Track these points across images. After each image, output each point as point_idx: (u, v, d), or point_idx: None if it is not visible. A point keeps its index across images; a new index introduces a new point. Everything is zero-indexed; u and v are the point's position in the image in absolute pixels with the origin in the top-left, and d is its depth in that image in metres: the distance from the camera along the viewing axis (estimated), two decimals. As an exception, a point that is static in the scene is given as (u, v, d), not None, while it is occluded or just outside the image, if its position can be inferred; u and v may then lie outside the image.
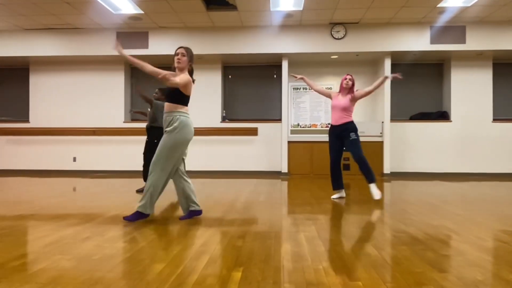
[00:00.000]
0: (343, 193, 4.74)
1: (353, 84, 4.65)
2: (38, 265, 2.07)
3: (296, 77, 4.89)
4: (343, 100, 4.61)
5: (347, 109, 4.59)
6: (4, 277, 1.89)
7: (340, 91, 4.72)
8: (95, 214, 3.58)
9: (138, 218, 3.26)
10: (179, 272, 1.97)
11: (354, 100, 4.62)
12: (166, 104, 3.30)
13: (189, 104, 3.39)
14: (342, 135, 4.61)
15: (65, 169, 8.48)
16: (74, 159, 8.50)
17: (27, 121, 8.65)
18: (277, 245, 2.52)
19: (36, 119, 8.61)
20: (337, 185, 4.73)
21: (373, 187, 4.52)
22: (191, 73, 3.40)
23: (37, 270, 2.00)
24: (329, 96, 4.83)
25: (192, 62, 3.39)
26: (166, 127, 3.27)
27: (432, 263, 2.15)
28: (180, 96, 3.28)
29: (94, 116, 8.49)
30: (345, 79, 4.64)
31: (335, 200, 4.60)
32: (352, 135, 4.57)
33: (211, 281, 1.84)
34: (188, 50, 3.35)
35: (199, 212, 3.45)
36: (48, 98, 8.61)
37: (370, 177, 4.53)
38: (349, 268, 2.05)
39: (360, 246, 2.51)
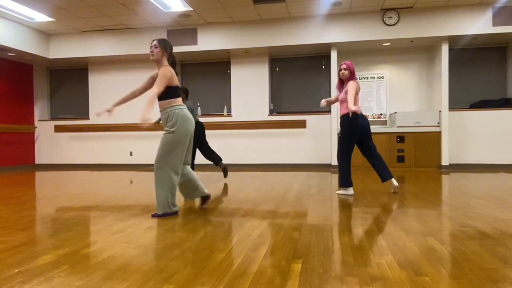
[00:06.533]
0: (350, 191, 4.32)
1: (351, 73, 4.29)
2: (107, 253, 2.20)
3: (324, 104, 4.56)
4: (342, 92, 4.37)
5: (343, 101, 4.30)
6: (78, 263, 2.03)
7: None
8: (154, 205, 3.73)
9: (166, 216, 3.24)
10: (240, 262, 1.99)
11: (346, 93, 4.24)
12: (159, 103, 3.24)
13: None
14: None
15: (123, 163, 8.93)
16: (131, 154, 8.92)
17: (87, 118, 9.20)
18: (335, 238, 2.48)
19: (96, 116, 9.13)
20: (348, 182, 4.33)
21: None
22: (173, 64, 3.34)
23: (107, 257, 2.12)
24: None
25: (167, 52, 3.28)
26: (166, 125, 3.21)
27: (505, 259, 2.00)
28: (168, 90, 3.20)
29: (148, 112, 8.82)
30: (340, 70, 4.34)
31: (341, 195, 4.30)
32: (339, 132, 4.32)
33: (272, 272, 1.84)
34: (161, 41, 3.27)
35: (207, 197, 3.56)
36: (106, 96, 9.09)
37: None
38: (414, 262, 1.97)
39: (422, 240, 2.39)
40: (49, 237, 2.57)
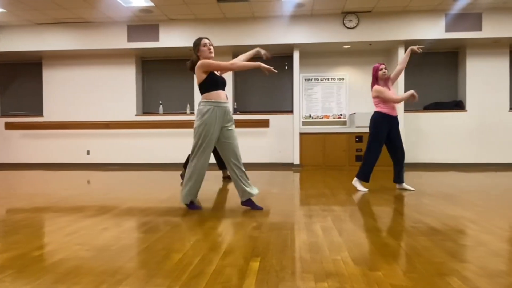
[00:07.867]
0: (403, 186, 4.63)
1: (372, 76, 4.66)
2: (58, 256, 2.09)
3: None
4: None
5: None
6: (25, 266, 1.92)
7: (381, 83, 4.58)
8: (111, 206, 3.61)
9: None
10: (197, 262, 1.97)
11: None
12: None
13: (199, 96, 3.61)
14: None
15: (79, 162, 8.58)
16: (88, 152, 8.59)
17: (41, 115, 8.75)
18: (294, 235, 2.51)
19: (50, 113, 8.71)
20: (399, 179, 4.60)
21: (355, 181, 4.68)
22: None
23: (57, 260, 2.02)
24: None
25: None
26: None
27: (453, 253, 2.11)
28: None
29: (107, 110, 8.55)
30: (381, 69, 4.48)
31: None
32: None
33: (230, 271, 1.83)
34: None
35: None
36: (62, 92, 8.69)
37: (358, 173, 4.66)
38: (368, 258, 2.03)
39: (377, 236, 2.48)
40: (-6, 241, 2.42)
